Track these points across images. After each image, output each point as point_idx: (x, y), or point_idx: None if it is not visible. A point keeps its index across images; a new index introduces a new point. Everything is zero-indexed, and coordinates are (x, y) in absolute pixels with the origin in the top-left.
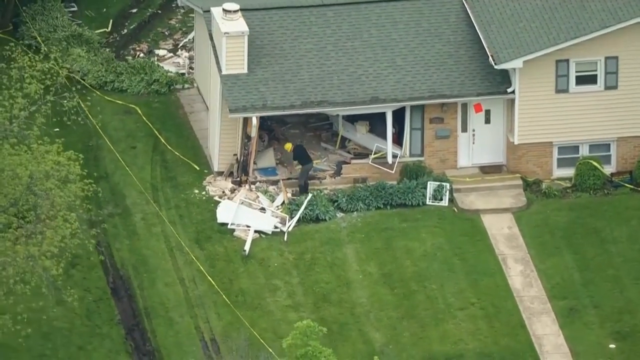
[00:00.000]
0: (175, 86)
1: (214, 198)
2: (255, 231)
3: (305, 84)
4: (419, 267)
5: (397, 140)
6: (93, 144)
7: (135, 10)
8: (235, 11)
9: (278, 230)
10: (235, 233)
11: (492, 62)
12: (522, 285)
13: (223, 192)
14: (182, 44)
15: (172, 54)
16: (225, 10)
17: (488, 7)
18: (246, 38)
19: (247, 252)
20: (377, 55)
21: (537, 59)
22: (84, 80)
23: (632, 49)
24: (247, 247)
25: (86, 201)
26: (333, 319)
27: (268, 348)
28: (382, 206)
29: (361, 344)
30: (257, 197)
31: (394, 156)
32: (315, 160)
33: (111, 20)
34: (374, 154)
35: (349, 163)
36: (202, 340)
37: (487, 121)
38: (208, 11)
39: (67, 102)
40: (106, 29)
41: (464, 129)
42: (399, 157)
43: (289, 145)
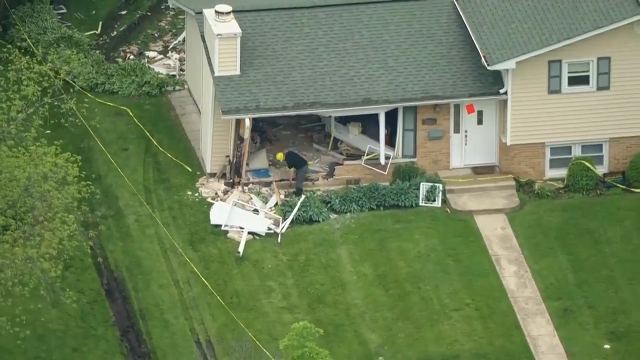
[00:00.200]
0: (166, 88)
1: (207, 200)
2: (249, 233)
3: (298, 86)
4: (413, 268)
5: (390, 141)
6: (85, 146)
7: (124, 12)
8: (228, 13)
9: (272, 231)
10: (229, 235)
11: (484, 63)
12: (516, 285)
13: (216, 193)
14: (172, 46)
15: (162, 56)
16: (217, 12)
17: (480, 8)
18: (239, 40)
19: (241, 253)
20: (369, 56)
21: (529, 60)
22: (74, 82)
23: (625, 49)
24: (241, 249)
25: (83, 203)
26: (328, 320)
27: (264, 350)
28: (375, 207)
29: (357, 345)
30: (250, 198)
31: (387, 157)
32: (308, 162)
33: (101, 23)
34: (366, 155)
35: (341, 164)
36: (197, 342)
37: (480, 122)
38: (200, 13)
39: (65, 104)
40: (96, 31)
41: (457, 130)
42: (391, 158)
43: (280, 155)
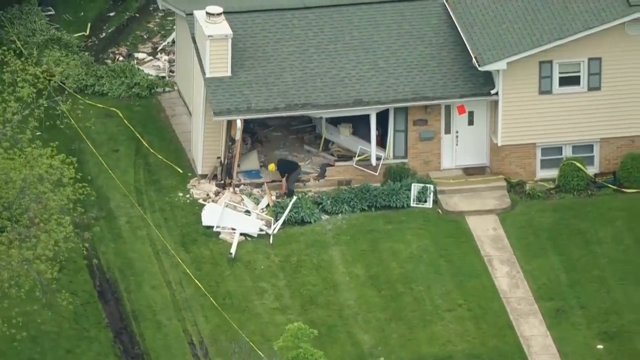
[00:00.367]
0: (156, 89)
1: (199, 201)
2: (241, 234)
3: (289, 87)
4: (405, 269)
5: (381, 142)
6: (75, 148)
7: (113, 13)
8: (219, 14)
9: (263, 232)
10: (221, 236)
11: (475, 64)
12: (508, 286)
13: (207, 195)
14: (161, 47)
15: (151, 58)
16: (208, 14)
17: (470, 9)
18: (230, 41)
19: (233, 254)
20: (359, 57)
21: (520, 61)
22: (63, 84)
23: (615, 50)
24: (233, 250)
25: (78, 204)
26: (321, 321)
27: (258, 351)
28: (366, 208)
29: (350, 346)
30: (242, 199)
31: (378, 158)
32: (299, 162)
33: (89, 24)
34: (357, 156)
35: (332, 165)
36: (190, 343)
37: (471, 123)
38: (191, 14)
39: (60, 105)
40: (84, 33)
41: (448, 130)
42: (382, 159)
43: (272, 166)
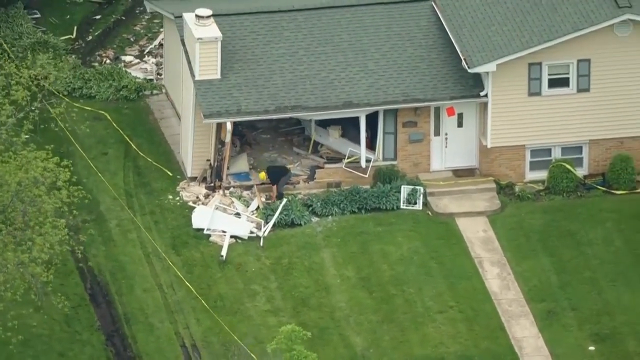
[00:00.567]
0: (144, 92)
1: (189, 203)
2: (231, 236)
3: (279, 89)
4: (396, 271)
5: (370, 144)
6: (64, 151)
7: (99, 16)
8: (208, 17)
9: (254, 235)
10: (211, 238)
11: (465, 66)
12: (499, 288)
13: (197, 197)
14: (148, 50)
15: (138, 60)
16: (198, 16)
17: (459, 11)
18: (219, 43)
19: (224, 257)
20: (348, 59)
21: (509, 62)
22: (57, 90)
23: (605, 51)
24: (224, 253)
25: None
26: (313, 324)
27: (250, 353)
28: (356, 210)
29: (342, 348)
30: (232, 202)
31: (367, 160)
32: (289, 165)
33: (75, 27)
34: (347, 158)
35: (322, 168)
36: (182, 346)
37: (460, 125)
38: (180, 17)
39: (54, 108)
40: (71, 36)
41: (437, 132)
42: (372, 161)
43: (263, 175)
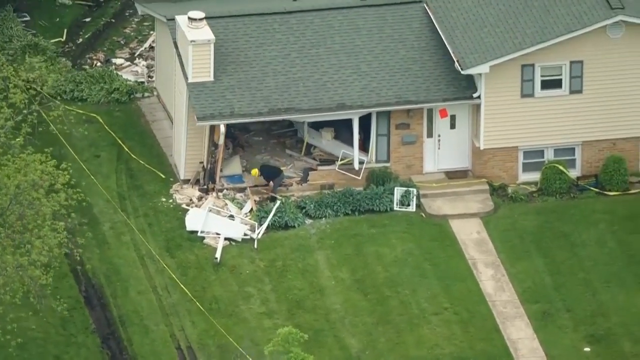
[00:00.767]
0: (136, 95)
1: (182, 206)
2: (225, 238)
3: (272, 91)
4: (391, 273)
5: (363, 146)
6: (57, 153)
7: (89, 19)
8: (201, 19)
9: (248, 237)
10: (205, 241)
11: (458, 68)
12: (494, 289)
13: (190, 200)
14: (139, 53)
15: (129, 63)
16: (190, 19)
17: (451, 12)
18: (212, 46)
19: (218, 259)
20: (341, 61)
21: (502, 64)
22: (42, 89)
23: (597, 53)
24: (218, 255)
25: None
26: (308, 326)
27: (247, 356)
28: (350, 212)
29: (338, 350)
30: (225, 204)
31: (361, 162)
32: (282, 167)
33: (65, 30)
34: (340, 160)
35: (315, 170)
36: (178, 348)
37: (453, 126)
38: (172, 19)
39: (53, 110)
40: (61, 39)
41: (430, 134)
42: (365, 163)
43: (255, 171)
